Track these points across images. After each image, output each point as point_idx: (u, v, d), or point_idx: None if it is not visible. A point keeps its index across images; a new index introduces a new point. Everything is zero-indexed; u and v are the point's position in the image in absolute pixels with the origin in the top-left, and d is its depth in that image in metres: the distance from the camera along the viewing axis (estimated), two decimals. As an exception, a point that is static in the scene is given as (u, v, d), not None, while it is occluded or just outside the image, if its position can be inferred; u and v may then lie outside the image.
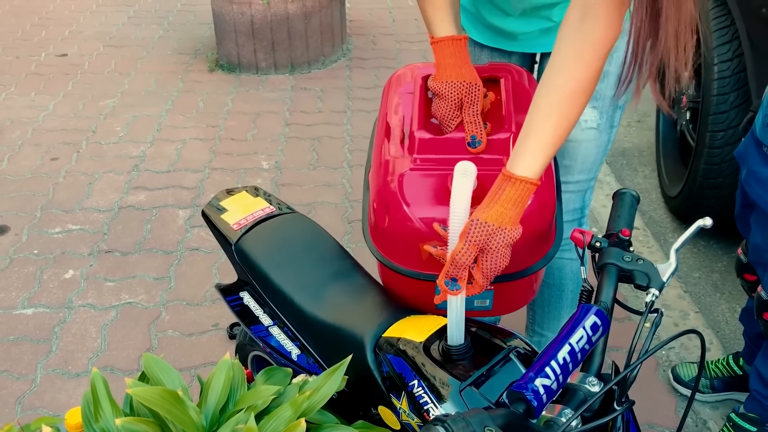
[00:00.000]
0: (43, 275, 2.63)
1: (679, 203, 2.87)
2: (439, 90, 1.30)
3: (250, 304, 1.46)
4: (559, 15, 1.48)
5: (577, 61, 1.08)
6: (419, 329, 1.18)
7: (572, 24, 1.09)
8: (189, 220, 2.93)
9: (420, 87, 1.37)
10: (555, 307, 1.85)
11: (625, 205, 1.12)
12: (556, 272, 1.80)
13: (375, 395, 1.20)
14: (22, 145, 3.52)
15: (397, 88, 1.43)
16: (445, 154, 1.23)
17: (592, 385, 0.93)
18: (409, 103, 1.36)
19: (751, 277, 1.86)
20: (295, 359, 1.37)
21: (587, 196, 1.71)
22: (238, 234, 1.46)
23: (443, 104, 1.30)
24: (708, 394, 2.12)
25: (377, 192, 1.26)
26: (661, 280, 1.01)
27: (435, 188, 1.20)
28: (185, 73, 4.31)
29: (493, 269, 1.06)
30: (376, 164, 1.31)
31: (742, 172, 1.71)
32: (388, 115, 1.36)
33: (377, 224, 1.26)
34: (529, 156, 1.07)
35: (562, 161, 1.62)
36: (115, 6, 5.45)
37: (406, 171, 1.22)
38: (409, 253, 1.22)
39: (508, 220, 1.05)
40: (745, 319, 1.99)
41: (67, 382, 2.18)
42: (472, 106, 1.29)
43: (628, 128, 3.78)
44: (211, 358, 2.26)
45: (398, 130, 1.31)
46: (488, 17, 1.57)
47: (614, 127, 1.62)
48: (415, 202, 1.19)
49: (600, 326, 0.94)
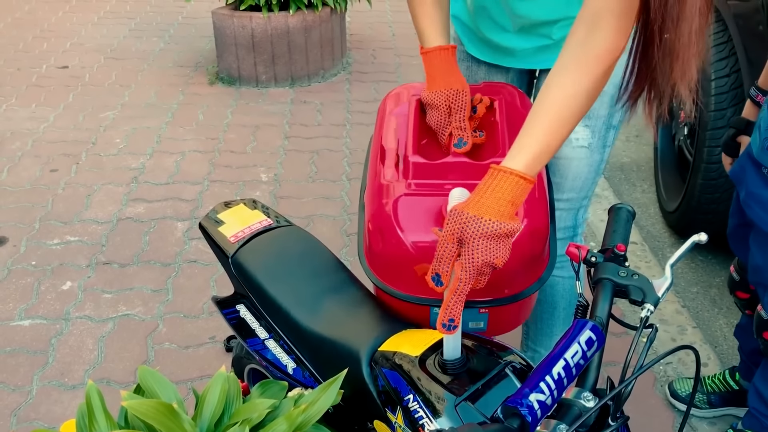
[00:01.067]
0: (41, 287, 2.63)
1: (677, 218, 2.88)
2: (429, 100, 1.35)
3: (247, 317, 1.46)
4: (558, 32, 1.49)
5: (578, 72, 1.09)
6: (415, 343, 1.18)
7: (578, 37, 1.10)
8: (187, 233, 2.93)
9: (414, 109, 1.39)
10: (547, 324, 1.85)
11: (620, 220, 1.12)
12: (549, 289, 1.79)
13: (370, 409, 1.20)
14: (21, 157, 3.53)
15: (393, 108, 1.45)
16: (439, 179, 1.24)
17: (587, 400, 0.92)
18: (404, 125, 1.38)
19: (744, 295, 1.86)
20: (291, 373, 1.37)
21: (580, 215, 1.71)
22: (235, 247, 1.46)
23: (435, 113, 1.34)
24: (705, 409, 2.11)
25: (372, 215, 1.27)
26: (657, 295, 1.01)
27: (429, 213, 1.21)
28: (185, 86, 4.33)
29: (472, 261, 1.01)
30: (371, 187, 1.32)
31: (740, 192, 1.71)
32: (383, 138, 1.38)
33: (372, 248, 1.27)
34: (516, 151, 1.07)
35: (552, 178, 1.62)
36: (117, 19, 5.48)
37: (400, 196, 1.23)
38: (402, 277, 1.23)
39: (488, 210, 1.02)
40: (740, 335, 1.99)
41: (63, 394, 2.18)
42: (459, 112, 1.33)
43: (626, 143, 3.79)
44: (207, 370, 2.25)
45: (393, 153, 1.33)
46: (486, 33, 1.58)
47: (607, 147, 1.61)
48: (409, 227, 1.20)
49: (595, 341, 0.94)
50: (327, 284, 1.38)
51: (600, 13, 1.08)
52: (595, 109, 1.55)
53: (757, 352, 1.91)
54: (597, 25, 1.08)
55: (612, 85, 1.51)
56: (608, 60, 1.10)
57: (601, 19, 1.08)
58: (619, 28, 1.08)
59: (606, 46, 1.08)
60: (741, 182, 1.70)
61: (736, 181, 1.72)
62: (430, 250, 1.14)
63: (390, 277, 1.25)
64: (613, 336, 2.23)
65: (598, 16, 1.08)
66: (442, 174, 1.25)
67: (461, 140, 1.29)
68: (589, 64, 1.09)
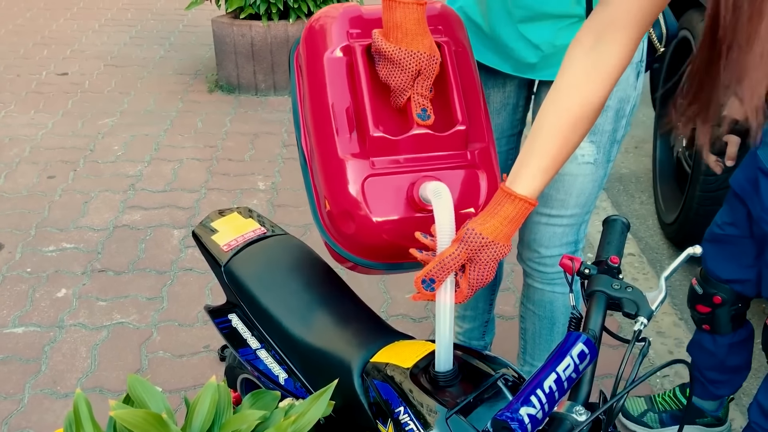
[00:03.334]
0: (36, 294, 2.62)
1: (676, 230, 2.87)
2: (398, 57, 1.19)
3: (239, 326, 1.45)
4: (562, 38, 1.45)
5: (587, 85, 1.06)
6: (407, 355, 1.17)
7: (585, 45, 1.06)
8: (183, 240, 2.92)
9: (364, 63, 1.22)
10: (546, 339, 1.83)
11: (615, 231, 1.11)
12: (548, 305, 1.77)
13: (361, 421, 1.19)
14: (19, 163, 3.52)
15: (322, 47, 1.26)
16: (402, 154, 1.21)
17: (579, 414, 0.91)
18: (348, 81, 1.23)
19: (705, 309, 1.82)
20: (283, 383, 1.36)
21: (582, 230, 1.69)
22: (228, 255, 1.46)
23: (399, 73, 1.20)
24: (656, 428, 2.06)
25: (336, 198, 1.22)
26: (650, 308, 1.00)
27: (397, 191, 1.20)
28: (185, 94, 4.33)
29: (479, 280, 1.06)
30: (325, 161, 1.23)
31: (750, 206, 1.66)
32: (327, 94, 1.23)
33: (339, 230, 1.24)
34: (530, 176, 1.06)
35: (557, 195, 1.60)
36: (118, 26, 5.50)
37: (367, 177, 1.19)
38: (376, 253, 1.24)
39: (502, 235, 1.05)
40: (694, 351, 1.93)
41: (55, 403, 2.16)
42: (427, 80, 1.21)
43: (625, 154, 3.79)
44: (201, 380, 2.23)
45: (344, 117, 1.22)
46: (493, 21, 1.50)
47: (610, 161, 1.60)
48: (380, 210, 1.19)
49: (587, 354, 0.93)
50: (319, 294, 1.37)
51: (613, 23, 1.04)
52: (600, 124, 1.52)
53: (716, 367, 1.89)
54: (607, 36, 1.04)
55: (617, 99, 1.50)
56: (617, 75, 1.06)
57: (612, 30, 1.04)
58: (630, 40, 1.05)
59: (615, 61, 1.05)
60: (751, 197, 1.65)
61: (744, 194, 1.68)
62: (402, 225, 1.19)
63: (363, 253, 1.25)
64: (610, 348, 2.22)
65: (609, 26, 1.04)
66: (404, 149, 1.21)
67: (425, 111, 1.21)
68: (597, 81, 1.06)
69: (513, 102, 1.67)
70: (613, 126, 1.54)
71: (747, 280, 1.76)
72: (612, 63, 1.05)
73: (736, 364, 1.89)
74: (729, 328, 1.82)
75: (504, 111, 1.68)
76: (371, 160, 1.20)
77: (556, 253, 1.67)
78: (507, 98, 1.66)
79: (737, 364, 1.89)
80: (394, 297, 2.60)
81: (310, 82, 1.28)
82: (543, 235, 1.66)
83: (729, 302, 1.79)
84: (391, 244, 1.22)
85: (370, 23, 1.27)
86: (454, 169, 1.23)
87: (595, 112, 1.08)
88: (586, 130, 1.09)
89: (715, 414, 2.03)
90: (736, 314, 1.81)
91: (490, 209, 1.06)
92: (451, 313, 1.08)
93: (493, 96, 1.66)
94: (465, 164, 1.24)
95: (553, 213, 1.62)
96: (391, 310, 2.55)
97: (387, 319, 1.66)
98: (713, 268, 1.80)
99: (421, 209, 1.19)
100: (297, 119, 1.35)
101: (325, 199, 1.25)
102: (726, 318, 1.81)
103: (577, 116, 1.07)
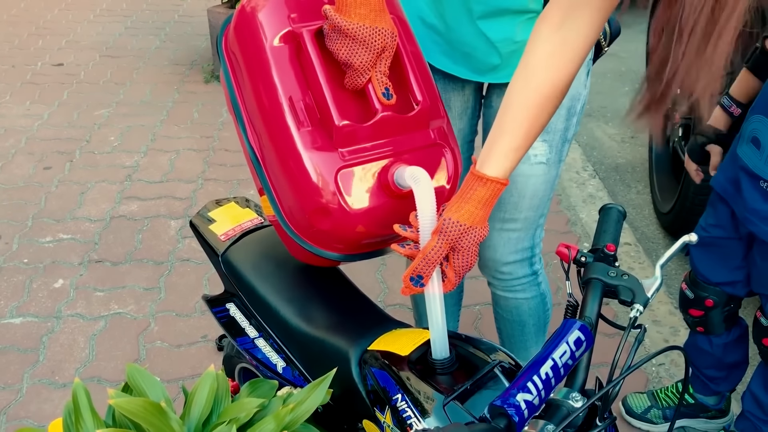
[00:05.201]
0: (33, 284, 2.62)
1: (671, 219, 2.88)
2: (362, 35, 1.11)
3: (237, 315, 1.45)
4: (522, 33, 1.43)
5: (556, 63, 1.06)
6: (404, 343, 1.18)
7: (553, 22, 1.06)
8: (181, 231, 2.92)
9: (317, 52, 1.15)
10: (518, 340, 1.83)
11: (611, 220, 1.12)
12: (514, 310, 1.76)
13: (359, 409, 1.19)
14: (15, 154, 3.51)
15: (261, 36, 1.17)
16: (370, 141, 1.17)
17: (575, 400, 0.92)
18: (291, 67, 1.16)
19: (698, 312, 1.82)
20: (281, 372, 1.37)
21: (537, 234, 1.67)
22: (226, 245, 1.46)
23: (364, 52, 1.12)
24: (660, 424, 2.07)
25: (306, 196, 1.16)
26: (646, 295, 1.00)
27: (370, 177, 1.17)
28: (181, 84, 4.32)
29: (464, 266, 1.07)
30: (288, 158, 1.16)
31: (734, 207, 1.65)
32: (277, 84, 1.15)
33: (313, 227, 1.19)
34: (501, 157, 1.07)
35: (509, 198, 1.57)
36: (113, 16, 5.47)
37: (339, 169, 1.15)
38: (351, 245, 1.22)
39: (479, 219, 1.06)
40: (692, 353, 1.93)
41: (53, 393, 2.17)
42: (388, 58, 1.16)
43: (621, 144, 3.80)
44: (199, 369, 2.24)
45: (300, 107, 1.15)
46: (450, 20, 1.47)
47: (562, 161, 1.58)
48: (356, 200, 1.16)
49: (584, 341, 0.94)
50: (317, 283, 1.38)
51: (579, 3, 1.04)
52: (553, 123, 1.50)
53: (714, 365, 1.90)
54: (575, 13, 1.04)
55: (569, 97, 1.48)
56: (584, 54, 1.07)
57: (580, 7, 1.04)
58: (597, 20, 1.05)
59: (582, 40, 1.05)
60: (733, 197, 1.65)
61: (726, 195, 1.68)
62: (378, 212, 1.17)
63: (332, 245, 1.22)
64: (605, 337, 2.23)
65: (576, 5, 1.04)
66: (372, 134, 1.16)
67: (388, 91, 1.15)
68: (566, 59, 1.06)
69: (472, 106, 1.65)
70: (564, 125, 1.53)
71: (737, 282, 1.75)
72: (580, 42, 1.06)
73: (733, 360, 1.89)
74: (723, 329, 1.83)
75: (465, 116, 1.65)
76: (340, 152, 1.15)
77: (512, 259, 1.65)
78: (467, 102, 1.63)
79: (735, 361, 1.90)
80: (391, 286, 2.60)
81: (251, 75, 1.19)
82: (497, 242, 1.63)
83: (721, 304, 1.78)
84: (367, 234, 1.20)
85: (309, 4, 1.19)
86: (422, 149, 1.21)
87: (563, 91, 1.08)
88: (553, 110, 1.09)
89: (717, 407, 2.04)
90: (728, 315, 1.81)
91: (462, 194, 1.06)
92: (441, 301, 1.09)
93: (454, 101, 1.62)
94: (430, 143, 1.22)
95: (506, 217, 1.60)
96: (388, 299, 2.56)
97: (384, 308, 1.66)
98: (702, 271, 1.79)
99: (396, 194, 1.17)
100: (239, 114, 1.24)
101: (293, 199, 1.19)
102: (719, 319, 1.81)
103: (547, 95, 1.07)
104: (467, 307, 2.50)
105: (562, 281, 2.65)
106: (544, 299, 1.77)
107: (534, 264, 1.70)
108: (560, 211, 3.12)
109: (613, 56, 4.94)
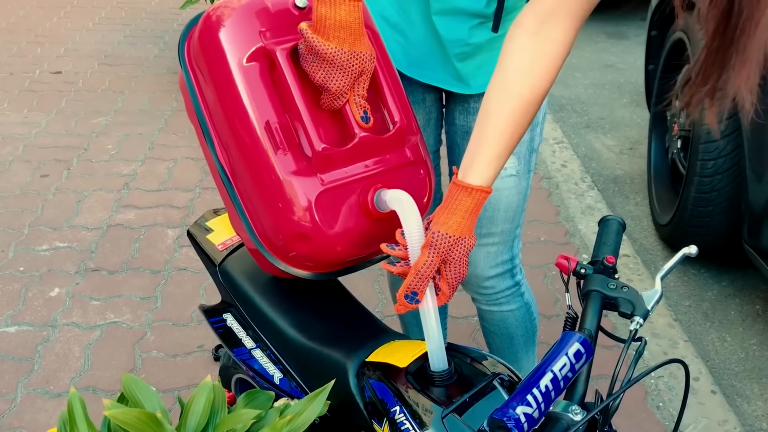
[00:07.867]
0: (28, 293, 2.61)
1: (670, 231, 2.87)
2: (340, 59, 1.09)
3: (233, 326, 1.44)
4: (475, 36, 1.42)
5: (535, 69, 1.06)
6: (402, 354, 1.17)
7: (529, 29, 1.05)
8: (178, 240, 2.91)
9: (292, 73, 1.12)
10: (508, 353, 1.81)
11: (610, 231, 1.11)
12: (500, 324, 1.75)
13: (357, 421, 1.18)
14: (12, 162, 3.51)
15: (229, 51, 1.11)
16: (349, 164, 1.16)
17: (574, 413, 0.91)
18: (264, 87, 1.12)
19: None
20: (278, 383, 1.36)
21: (515, 245, 1.66)
22: (223, 255, 1.45)
23: (341, 76, 1.11)
24: None
25: (284, 221, 1.15)
26: (646, 308, 1.00)
27: (348, 201, 1.16)
28: (179, 93, 4.31)
29: (457, 278, 1.08)
30: (264, 182, 1.14)
31: None
32: (250, 109, 1.10)
33: (291, 250, 1.18)
34: (484, 165, 1.06)
35: (484, 213, 1.56)
36: (112, 25, 5.48)
37: (319, 194, 1.13)
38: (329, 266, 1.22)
39: (467, 229, 1.06)
40: None
41: (48, 402, 2.15)
42: (366, 81, 1.15)
43: (620, 155, 3.80)
44: (195, 379, 2.23)
45: (276, 131, 1.12)
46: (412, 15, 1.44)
47: (531, 171, 1.57)
48: (336, 223, 1.15)
49: (583, 354, 0.93)
50: (314, 294, 1.37)
51: (556, 10, 1.04)
52: None
53: None
54: (550, 20, 1.04)
55: None
56: (561, 61, 1.07)
57: (555, 15, 1.04)
58: (572, 27, 1.05)
59: (559, 47, 1.05)
60: None
61: None
62: (358, 234, 1.18)
63: (310, 267, 1.22)
64: (605, 349, 2.22)
65: (552, 12, 1.04)
66: (351, 157, 1.16)
67: (366, 113, 1.15)
68: (544, 66, 1.05)
69: (435, 117, 1.64)
70: (530, 135, 1.53)
71: None
72: (557, 48, 1.06)
73: None
74: None
75: (428, 127, 1.64)
76: (319, 177, 1.13)
77: (493, 273, 1.65)
78: (429, 113, 1.63)
79: None
80: (389, 297, 2.59)
81: (220, 94, 1.14)
82: (477, 257, 1.63)
83: None
84: (346, 255, 1.20)
85: (280, 17, 1.15)
86: (399, 168, 1.22)
87: (541, 98, 1.08)
88: (533, 116, 1.09)
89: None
90: None
91: (448, 206, 1.06)
92: (436, 314, 1.09)
93: (416, 112, 1.59)
94: (406, 162, 1.23)
95: (483, 232, 1.59)
96: (386, 310, 2.55)
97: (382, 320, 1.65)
98: None
99: (375, 215, 1.17)
100: (205, 127, 1.19)
101: (269, 222, 1.18)
102: None
103: (528, 101, 1.06)
104: (465, 319, 2.50)
105: (562, 293, 2.65)
106: (529, 308, 1.77)
107: (515, 275, 1.70)
108: (559, 222, 3.12)
109: (611, 68, 4.95)
